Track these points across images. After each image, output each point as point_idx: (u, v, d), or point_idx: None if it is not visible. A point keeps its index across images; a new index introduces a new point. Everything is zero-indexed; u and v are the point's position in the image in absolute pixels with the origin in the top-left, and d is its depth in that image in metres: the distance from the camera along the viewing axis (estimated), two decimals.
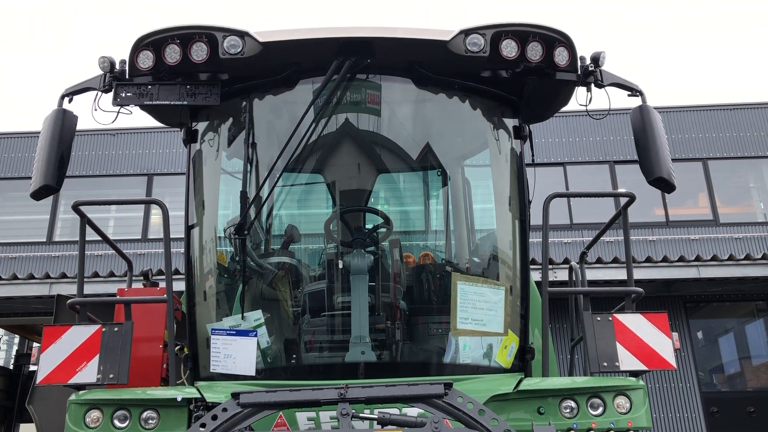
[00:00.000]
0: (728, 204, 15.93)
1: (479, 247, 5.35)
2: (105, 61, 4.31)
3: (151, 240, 15.53)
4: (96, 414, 3.78)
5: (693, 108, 16.53)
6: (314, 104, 4.34)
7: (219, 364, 4.10)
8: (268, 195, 4.92)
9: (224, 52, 4.17)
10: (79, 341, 3.93)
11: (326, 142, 4.69)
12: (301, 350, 4.43)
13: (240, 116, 4.68)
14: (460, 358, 4.32)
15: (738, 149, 16.11)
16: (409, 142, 4.91)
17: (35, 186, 4.14)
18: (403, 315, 4.48)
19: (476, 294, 4.25)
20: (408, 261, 5.01)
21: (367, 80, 4.53)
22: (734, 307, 13.61)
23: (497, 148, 4.88)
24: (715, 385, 13.22)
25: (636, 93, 4.54)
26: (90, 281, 11.26)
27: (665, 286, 12.35)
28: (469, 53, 4.22)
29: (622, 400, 3.89)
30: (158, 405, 3.81)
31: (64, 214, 16.02)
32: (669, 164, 4.32)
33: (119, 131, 16.59)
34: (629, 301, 4.26)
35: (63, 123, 4.25)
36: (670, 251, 14.21)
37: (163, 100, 4.29)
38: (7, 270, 14.34)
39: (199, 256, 4.61)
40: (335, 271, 4.45)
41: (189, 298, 4.49)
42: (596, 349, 4.02)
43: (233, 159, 4.88)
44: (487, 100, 4.75)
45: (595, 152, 16.00)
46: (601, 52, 4.42)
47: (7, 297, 11.76)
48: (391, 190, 5.40)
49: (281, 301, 4.65)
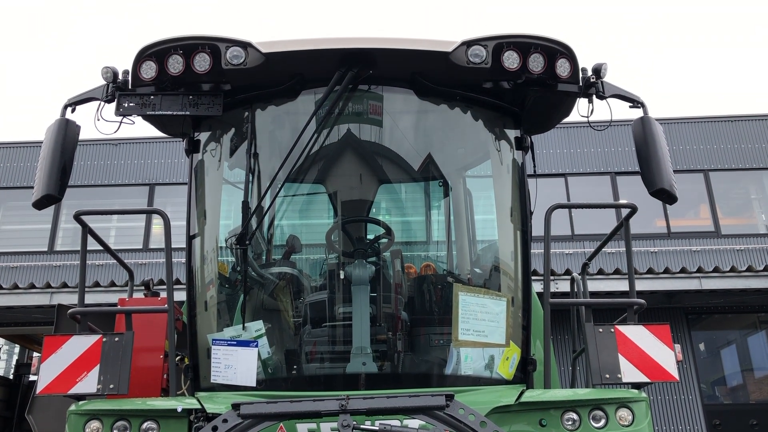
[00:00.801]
0: (730, 215, 15.92)
1: (481, 257, 5.34)
2: (108, 71, 4.33)
3: (152, 250, 15.52)
4: (96, 425, 3.76)
5: (694, 119, 16.56)
6: (316, 115, 4.35)
7: (220, 374, 4.09)
8: (269, 205, 4.92)
9: (227, 62, 4.19)
10: (80, 351, 3.91)
11: (328, 152, 4.70)
12: (302, 361, 4.42)
13: (242, 126, 4.69)
14: (461, 369, 4.30)
15: (739, 161, 16.12)
16: (411, 153, 4.92)
17: (37, 195, 4.14)
18: (405, 326, 4.47)
19: (478, 305, 4.24)
20: (409, 272, 5.00)
21: (369, 91, 4.55)
22: (736, 319, 13.57)
23: (499, 159, 4.88)
24: (718, 397, 13.15)
25: (638, 104, 4.55)
26: (91, 291, 11.25)
27: (667, 297, 12.33)
28: (471, 64, 4.23)
29: (625, 412, 3.86)
30: (158, 416, 3.79)
31: (65, 224, 16.03)
32: (671, 175, 4.32)
33: (121, 141, 16.63)
34: (631, 313, 4.25)
35: (66, 132, 4.26)
36: (671, 263, 14.19)
37: (166, 111, 4.31)
38: (8, 279, 14.34)
39: (200, 265, 4.61)
40: (336, 282, 4.45)
41: (190, 308, 4.48)
42: (598, 361, 4.01)
43: (235, 169, 4.89)
44: (488, 111, 4.76)
45: (597, 163, 16.02)
46: (602, 63, 4.43)
47: (7, 306, 11.76)
48: (393, 201, 5.40)
49: (282, 311, 4.64)
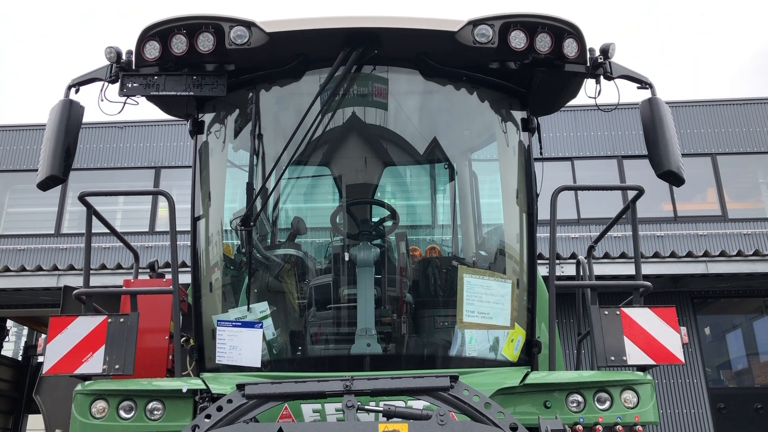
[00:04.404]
0: (737, 199, 15.81)
1: (486, 240, 5.32)
2: (111, 51, 4.30)
3: (158, 233, 15.55)
4: (102, 404, 3.78)
5: (702, 103, 16.41)
6: (321, 95, 4.31)
7: (225, 355, 4.10)
8: (274, 187, 4.91)
9: (231, 42, 4.16)
10: (85, 332, 3.93)
11: (332, 133, 4.67)
12: (306, 342, 4.42)
13: (246, 107, 4.67)
14: (466, 351, 4.30)
15: (747, 144, 15.98)
16: (416, 134, 4.89)
17: (42, 176, 4.14)
18: (409, 308, 4.46)
19: (483, 287, 4.23)
20: (414, 254, 4.99)
21: (374, 71, 4.51)
22: (742, 303, 13.53)
23: (505, 141, 4.85)
24: (723, 381, 13.15)
25: (646, 85, 4.50)
26: (97, 273, 11.29)
27: (673, 281, 12.28)
28: (478, 44, 4.19)
29: (630, 394, 3.86)
30: (164, 396, 3.81)
31: (72, 207, 16.06)
32: (678, 157, 4.28)
33: (127, 124, 16.61)
34: (637, 296, 4.23)
35: (69, 113, 4.26)
36: (678, 246, 14.13)
37: (170, 91, 4.29)
38: (15, 261, 14.40)
39: (205, 247, 4.60)
40: (341, 264, 4.44)
41: (195, 289, 4.49)
42: (604, 344, 3.99)
43: (240, 150, 4.87)
44: (494, 91, 4.71)
45: (604, 147, 15.91)
46: (610, 43, 4.37)
47: (15, 288, 11.81)
48: (398, 183, 5.38)
49: (287, 293, 4.64)
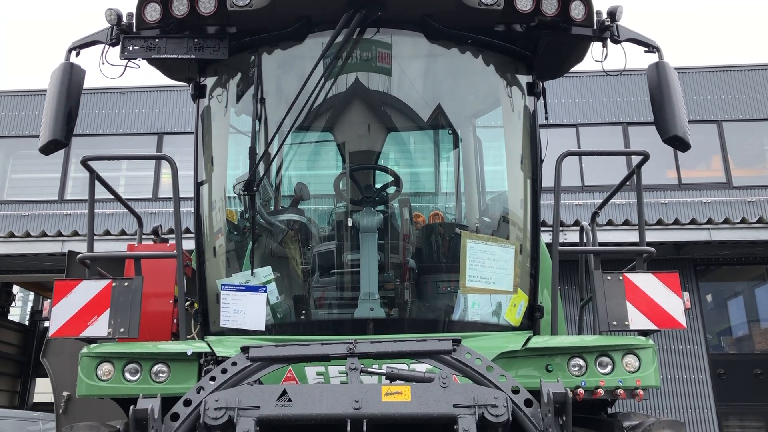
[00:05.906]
0: (742, 167, 15.73)
1: (490, 206, 5.31)
2: (112, 13, 4.25)
3: (161, 199, 15.56)
4: (107, 367, 3.82)
5: (708, 69, 16.22)
6: (324, 59, 4.27)
7: (229, 319, 4.13)
8: (276, 152, 4.89)
9: (232, 4, 4.11)
10: (90, 295, 3.95)
11: (336, 98, 4.63)
12: (310, 306, 4.45)
13: (248, 71, 4.62)
14: (468, 315, 4.32)
15: (753, 111, 15.84)
16: (421, 100, 4.84)
17: (43, 140, 4.13)
18: (412, 273, 4.48)
19: (486, 252, 4.23)
20: (417, 220, 4.98)
21: (378, 34, 4.45)
22: (745, 271, 13.56)
23: (510, 106, 4.80)
24: (723, 347, 13.25)
25: (653, 49, 4.44)
26: (101, 239, 11.33)
27: (676, 248, 12.29)
28: (483, 6, 4.13)
29: (631, 359, 3.88)
30: (169, 359, 3.85)
31: (75, 173, 16.06)
32: (685, 122, 4.25)
33: (129, 90, 16.50)
34: (640, 261, 4.23)
35: (71, 77, 4.23)
36: (681, 214, 14.10)
37: (171, 54, 4.25)
38: (20, 227, 14.45)
39: (209, 212, 4.61)
40: (345, 229, 4.44)
41: (198, 254, 4.50)
42: (606, 308, 4.00)
43: (242, 115, 4.83)
44: (500, 55, 4.66)
45: (609, 113, 15.78)
46: (618, 6, 4.31)
47: (21, 254, 11.91)
48: (402, 149, 5.34)
49: (290, 258, 4.65)
